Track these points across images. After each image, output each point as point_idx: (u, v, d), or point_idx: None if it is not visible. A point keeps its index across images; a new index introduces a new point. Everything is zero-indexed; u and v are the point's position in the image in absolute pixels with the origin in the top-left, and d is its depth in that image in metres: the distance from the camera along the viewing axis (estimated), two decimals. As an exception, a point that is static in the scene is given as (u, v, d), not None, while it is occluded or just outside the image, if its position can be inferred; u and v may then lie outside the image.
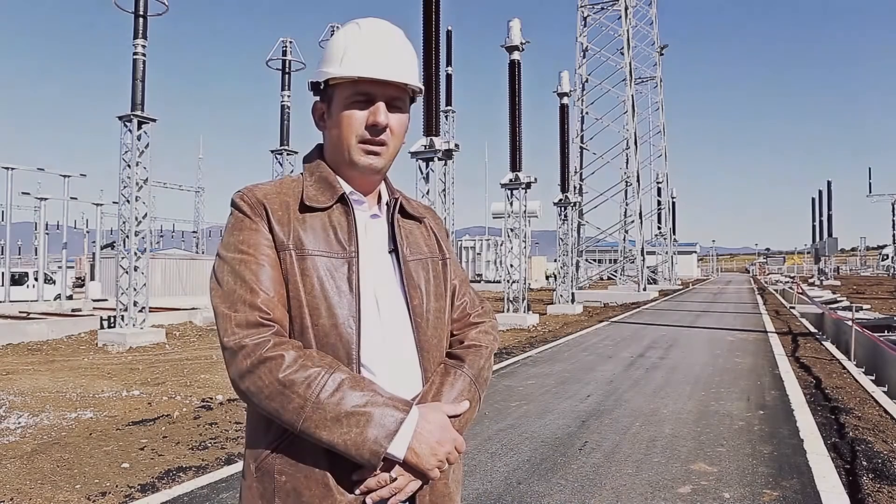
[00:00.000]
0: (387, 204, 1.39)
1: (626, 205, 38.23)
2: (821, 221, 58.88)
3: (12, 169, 26.59)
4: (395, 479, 1.17)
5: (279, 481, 1.20)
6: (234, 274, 1.21)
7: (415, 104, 1.42)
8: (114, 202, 30.42)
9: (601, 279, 48.27)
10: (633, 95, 35.63)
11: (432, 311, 1.34)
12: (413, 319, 1.30)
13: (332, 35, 1.52)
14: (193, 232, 44.95)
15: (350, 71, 1.26)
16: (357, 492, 1.18)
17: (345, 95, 1.28)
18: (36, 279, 28.30)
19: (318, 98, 1.36)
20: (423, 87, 1.37)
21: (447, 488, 1.31)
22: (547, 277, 52.44)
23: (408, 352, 1.29)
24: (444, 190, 19.21)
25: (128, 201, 13.96)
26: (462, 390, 1.31)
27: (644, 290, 31.92)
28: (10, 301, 25.39)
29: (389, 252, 1.34)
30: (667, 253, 49.80)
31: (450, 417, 1.25)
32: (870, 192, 57.61)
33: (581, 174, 35.06)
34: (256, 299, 1.18)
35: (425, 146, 14.37)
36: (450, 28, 26.49)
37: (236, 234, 1.25)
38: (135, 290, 13.96)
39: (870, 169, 57.84)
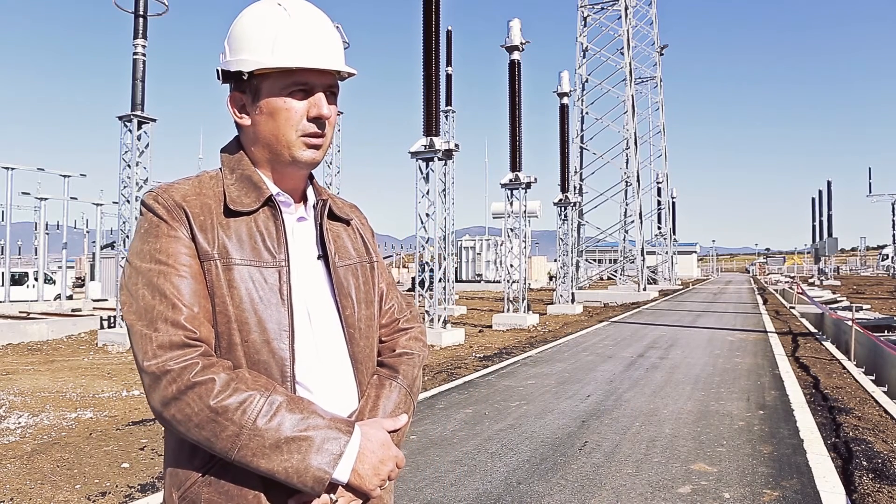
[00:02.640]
0: (314, 206, 1.29)
1: (626, 205, 38.21)
2: (821, 221, 58.95)
3: (12, 169, 26.58)
4: (336, 501, 1.11)
5: None
6: (151, 287, 1.09)
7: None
8: (114, 202, 30.42)
9: (601, 279, 48.26)
10: (633, 95, 35.63)
11: (363, 319, 1.28)
12: (346, 330, 1.24)
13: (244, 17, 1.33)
14: (193, 232, 44.90)
15: (288, 61, 1.15)
16: None
17: (280, 86, 1.17)
18: (36, 279, 28.30)
19: (233, 88, 1.23)
20: (355, 72, 1.26)
21: (381, 501, 1.27)
22: (551, 278, 52.42)
23: (342, 365, 1.23)
24: (444, 190, 19.22)
25: (128, 201, 13.96)
26: (398, 402, 1.26)
27: (644, 290, 31.90)
28: (10, 301, 25.38)
29: (318, 258, 1.26)
30: (667, 253, 49.79)
31: (389, 432, 1.20)
32: (870, 192, 57.59)
33: (581, 174, 35.05)
34: (179, 316, 1.07)
35: (425, 146, 14.36)
36: (450, 28, 26.45)
37: (152, 242, 1.12)
38: (135, 290, 13.96)
39: (870, 169, 57.85)
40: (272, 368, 1.13)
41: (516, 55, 19.14)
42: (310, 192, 1.30)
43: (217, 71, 1.23)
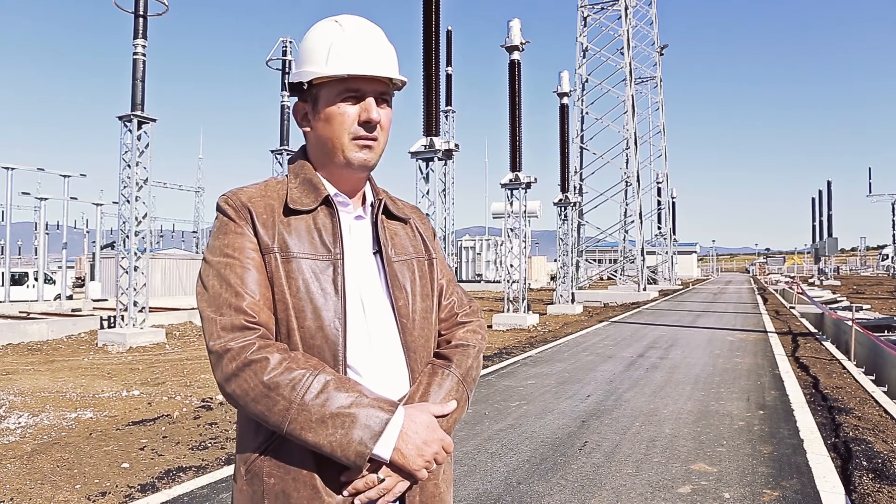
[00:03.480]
0: (371, 205, 1.38)
1: (626, 205, 38.23)
2: (821, 221, 58.92)
3: (12, 169, 26.59)
4: (383, 480, 1.17)
5: (268, 484, 1.20)
6: (220, 278, 1.21)
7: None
8: (114, 202, 30.44)
9: (601, 279, 48.25)
10: (633, 95, 35.62)
11: (418, 311, 1.34)
12: (399, 320, 1.30)
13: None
14: (193, 232, 44.97)
15: (339, 69, 1.26)
16: (345, 493, 1.18)
17: (334, 93, 1.28)
18: (36, 279, 28.30)
19: (297, 98, 1.35)
20: (406, 80, 1.37)
21: (437, 489, 1.31)
22: (552, 278, 52.46)
23: (394, 352, 1.29)
24: (444, 190, 19.22)
25: (128, 201, 13.96)
26: (450, 390, 1.31)
27: (644, 290, 31.91)
28: (10, 301, 25.38)
29: (374, 253, 1.34)
30: (667, 253, 49.78)
31: (437, 417, 1.24)
32: (870, 192, 57.57)
33: (581, 174, 35.05)
34: (242, 303, 1.18)
35: (425, 146, 14.36)
36: (450, 28, 26.48)
37: (221, 238, 1.25)
38: (135, 290, 13.96)
39: (870, 169, 57.84)
40: (325, 353, 1.22)
41: (516, 55, 19.14)
42: (369, 192, 1.40)
43: (286, 84, 1.34)
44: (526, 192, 19.17)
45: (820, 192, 59.83)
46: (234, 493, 1.28)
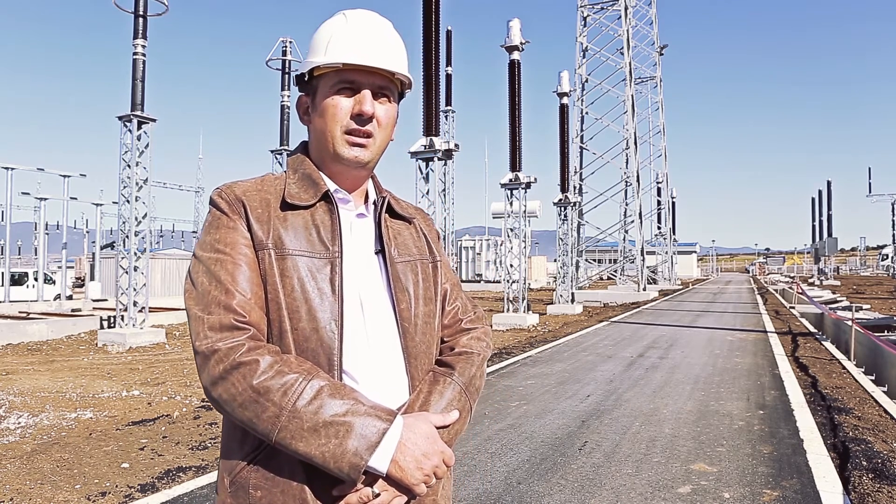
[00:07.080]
0: (374, 203, 1.32)
1: (626, 205, 38.23)
2: (821, 221, 58.87)
3: (12, 169, 26.58)
4: (378, 494, 1.09)
5: (254, 496, 1.12)
6: (209, 274, 1.14)
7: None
8: (114, 202, 30.44)
9: (601, 279, 48.25)
10: (632, 95, 35.61)
11: (421, 315, 1.27)
12: (400, 324, 1.23)
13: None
14: (193, 232, 44.96)
15: (334, 58, 1.20)
16: None
17: (329, 84, 1.22)
18: (36, 279, 28.29)
19: (302, 92, 1.30)
20: (411, 79, 1.30)
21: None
22: (555, 278, 52.55)
23: (394, 358, 1.22)
24: (444, 190, 19.21)
25: (128, 201, 13.95)
26: (451, 399, 1.23)
27: (644, 290, 31.90)
28: (10, 301, 25.37)
29: (376, 253, 1.27)
30: (667, 253, 49.77)
31: (438, 428, 1.17)
32: (870, 192, 57.58)
33: (581, 174, 35.04)
34: (231, 301, 1.11)
35: (425, 146, 14.36)
36: (450, 28, 26.47)
37: (213, 233, 1.18)
38: (134, 290, 13.95)
39: (870, 169, 57.84)
40: (319, 356, 1.14)
41: (516, 55, 19.13)
42: (371, 190, 1.34)
43: (293, 77, 1.31)
44: (526, 192, 19.17)
45: (820, 192, 59.82)
46: None
